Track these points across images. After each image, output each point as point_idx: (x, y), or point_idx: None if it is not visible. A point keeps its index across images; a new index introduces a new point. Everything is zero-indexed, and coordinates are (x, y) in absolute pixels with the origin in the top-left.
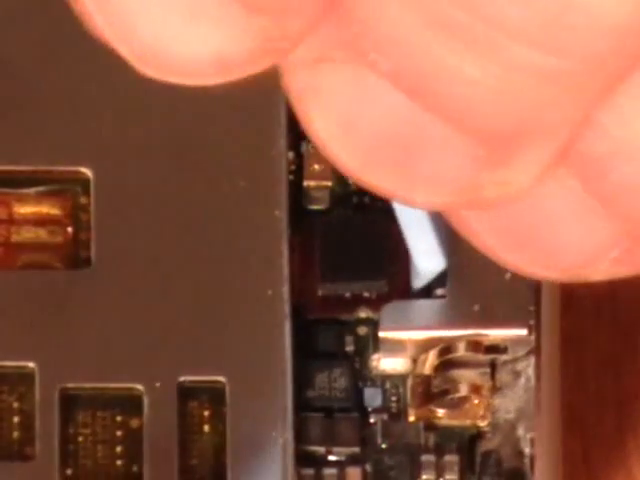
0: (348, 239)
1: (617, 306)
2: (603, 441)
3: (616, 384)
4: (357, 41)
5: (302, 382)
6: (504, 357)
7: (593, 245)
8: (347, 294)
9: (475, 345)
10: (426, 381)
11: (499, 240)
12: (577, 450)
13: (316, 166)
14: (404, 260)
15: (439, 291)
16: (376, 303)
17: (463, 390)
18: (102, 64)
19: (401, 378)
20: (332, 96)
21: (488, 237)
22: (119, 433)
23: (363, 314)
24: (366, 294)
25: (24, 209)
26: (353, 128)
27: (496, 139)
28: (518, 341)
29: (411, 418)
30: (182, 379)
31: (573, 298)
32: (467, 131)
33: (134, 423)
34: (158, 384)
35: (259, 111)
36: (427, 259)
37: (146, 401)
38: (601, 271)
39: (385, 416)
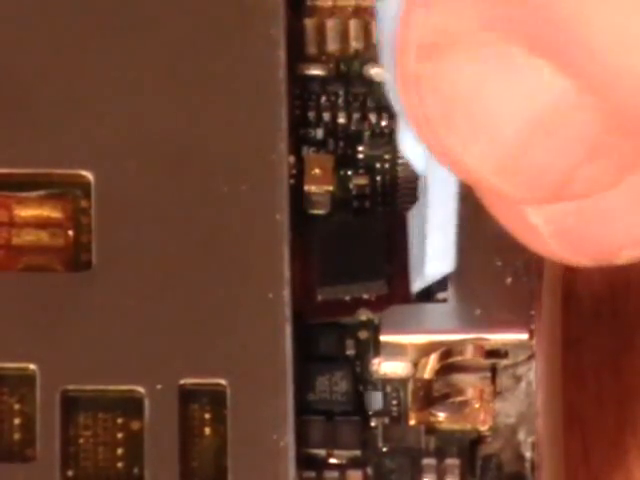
0: (346, 243)
1: (617, 306)
2: (603, 440)
3: (616, 383)
4: (527, 19)
5: (303, 385)
6: (505, 361)
7: (635, 233)
8: (347, 297)
9: (476, 349)
10: (427, 385)
11: (558, 239)
12: (577, 449)
13: (317, 170)
14: (403, 261)
15: (440, 295)
16: (376, 305)
17: (464, 394)
18: (103, 68)
19: (402, 382)
20: (456, 82)
21: (550, 238)
22: (120, 435)
23: (363, 316)
24: (366, 296)
25: (25, 212)
26: (475, 115)
27: (633, 121)
28: (519, 345)
29: (412, 422)
30: (183, 382)
31: (573, 299)
32: (614, 109)
33: (135, 425)
34: (159, 387)
35: (260, 115)
36: (439, 261)
37: (147, 403)
38: (625, 256)
39: (386, 419)
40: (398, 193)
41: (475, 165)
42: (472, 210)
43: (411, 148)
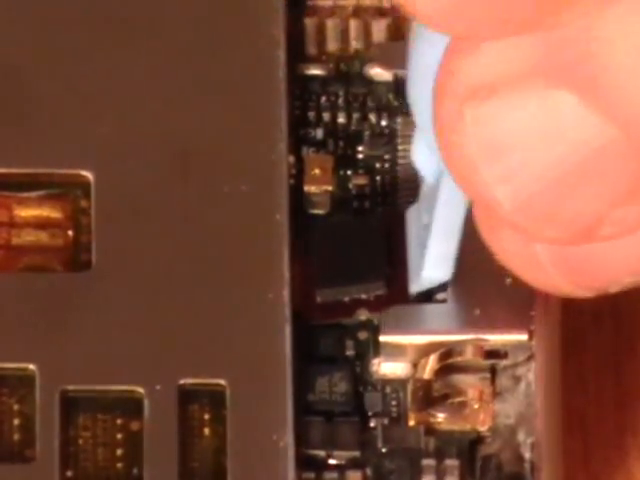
0: (345, 243)
1: (617, 307)
2: (603, 441)
3: (616, 385)
4: (579, 67)
5: (303, 386)
6: (504, 362)
7: (633, 263)
8: (346, 298)
9: (475, 350)
10: (426, 385)
11: (560, 269)
12: (577, 450)
13: (317, 170)
14: (402, 262)
15: (440, 296)
16: (375, 305)
17: (463, 395)
18: (103, 68)
19: (401, 382)
20: (501, 126)
21: (552, 267)
22: (119, 436)
23: (362, 316)
24: (364, 296)
25: (25, 212)
26: (516, 158)
27: None
28: (518, 346)
29: (411, 422)
30: (182, 382)
31: (573, 299)
32: None
33: (134, 426)
34: (158, 387)
35: (259, 115)
36: (437, 269)
37: (146, 404)
38: (628, 283)
39: (385, 420)
40: (398, 193)
41: (507, 204)
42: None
43: (424, 158)
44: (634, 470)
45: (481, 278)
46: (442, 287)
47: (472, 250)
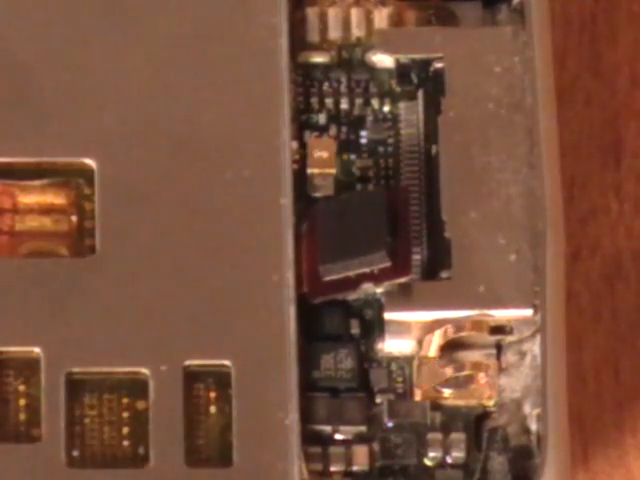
0: (346, 219)
1: (616, 306)
2: (602, 440)
3: (615, 384)
4: None
5: (308, 363)
6: (510, 338)
7: None
8: (350, 273)
9: (480, 326)
10: (432, 362)
11: None
12: (577, 449)
13: (319, 154)
14: (405, 233)
15: (444, 273)
16: (380, 278)
17: (468, 371)
18: (106, 57)
19: (407, 360)
20: None
21: None
22: (125, 415)
23: (368, 290)
24: (369, 270)
25: (28, 199)
26: None
27: None
28: (523, 321)
29: (417, 397)
30: (188, 363)
31: (573, 298)
32: None
33: (140, 405)
34: (164, 368)
35: (262, 102)
36: None
37: (151, 385)
38: None
39: (391, 396)
40: (401, 176)
41: None
42: (474, 189)
43: None
44: (633, 470)
45: (485, 255)
46: (446, 264)
47: (476, 228)
